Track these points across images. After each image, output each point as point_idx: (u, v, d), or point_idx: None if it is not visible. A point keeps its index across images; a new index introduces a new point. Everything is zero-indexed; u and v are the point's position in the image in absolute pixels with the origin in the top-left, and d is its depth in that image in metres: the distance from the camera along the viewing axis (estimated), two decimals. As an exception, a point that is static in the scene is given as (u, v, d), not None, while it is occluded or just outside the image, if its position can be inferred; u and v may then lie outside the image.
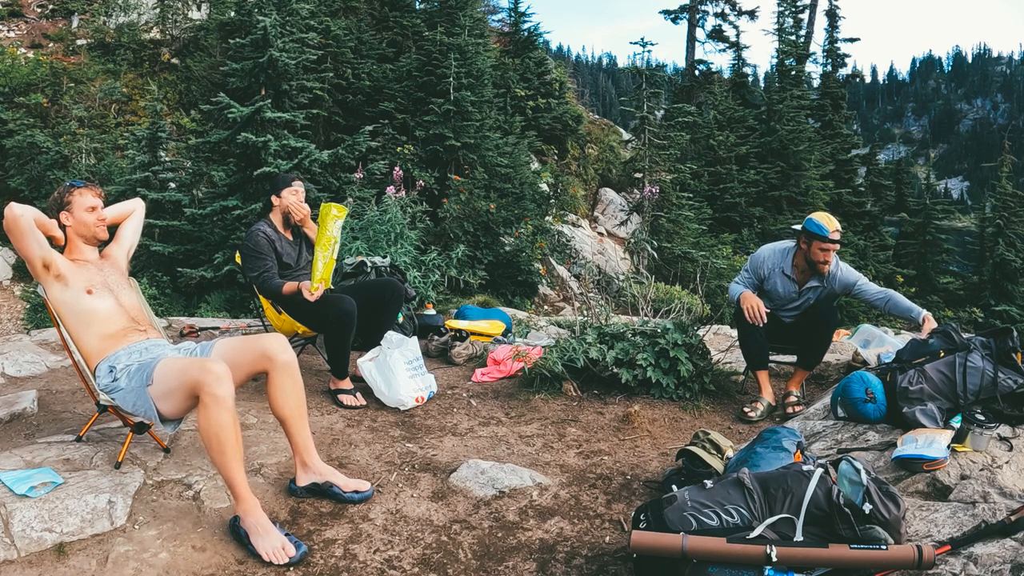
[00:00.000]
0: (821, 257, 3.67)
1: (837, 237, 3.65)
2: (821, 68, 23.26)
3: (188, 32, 13.84)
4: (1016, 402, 2.83)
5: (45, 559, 2.13)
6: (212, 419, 2.25)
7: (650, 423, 3.52)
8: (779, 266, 3.83)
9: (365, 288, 4.15)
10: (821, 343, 3.78)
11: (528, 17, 17.05)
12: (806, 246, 3.71)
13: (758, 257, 3.91)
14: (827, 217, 3.71)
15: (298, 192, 3.95)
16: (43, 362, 4.16)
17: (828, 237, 3.62)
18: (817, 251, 3.66)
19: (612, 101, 64.72)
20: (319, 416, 3.52)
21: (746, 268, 3.96)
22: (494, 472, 2.85)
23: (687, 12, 23.23)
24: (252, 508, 2.29)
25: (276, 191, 3.96)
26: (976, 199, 35.22)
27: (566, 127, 16.16)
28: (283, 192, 3.93)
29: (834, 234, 3.64)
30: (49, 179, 10.39)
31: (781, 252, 3.87)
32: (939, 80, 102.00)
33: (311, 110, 10.20)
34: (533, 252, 10.12)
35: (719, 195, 16.88)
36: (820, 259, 3.67)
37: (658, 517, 2.08)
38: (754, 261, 3.92)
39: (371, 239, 6.82)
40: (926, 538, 2.11)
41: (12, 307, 9.74)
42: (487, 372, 4.29)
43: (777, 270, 3.84)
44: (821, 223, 3.65)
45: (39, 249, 2.57)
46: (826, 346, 3.84)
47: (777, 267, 3.84)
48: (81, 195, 2.76)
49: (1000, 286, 15.82)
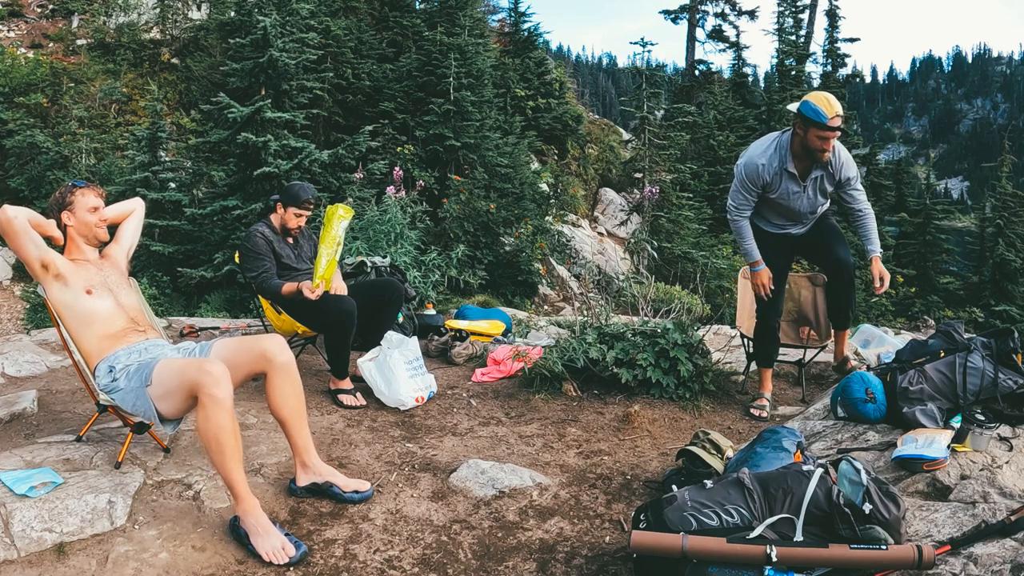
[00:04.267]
0: (819, 145, 3.24)
1: (837, 123, 3.17)
2: (821, 68, 23.27)
3: (188, 32, 13.84)
4: (1016, 402, 2.83)
5: (45, 559, 2.13)
6: (211, 420, 2.25)
7: (650, 423, 3.52)
8: (781, 166, 3.39)
9: (365, 288, 4.15)
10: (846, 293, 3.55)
11: (528, 17, 17.08)
12: (802, 132, 3.26)
13: (752, 166, 3.42)
14: (825, 99, 3.18)
15: (301, 216, 3.95)
16: (43, 362, 4.16)
17: (827, 124, 3.16)
18: (815, 138, 3.23)
19: (612, 101, 64.74)
20: (319, 416, 3.52)
21: (741, 185, 3.49)
22: (494, 472, 2.85)
23: (687, 12, 23.24)
24: (252, 508, 2.29)
25: (284, 203, 3.94)
26: (976, 199, 35.21)
27: (566, 127, 16.16)
28: (289, 209, 3.92)
29: (834, 120, 3.16)
30: (49, 179, 10.39)
31: (776, 148, 3.40)
32: (939, 80, 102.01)
33: (311, 110, 10.21)
34: (533, 252, 10.12)
35: (719, 195, 16.87)
36: (818, 147, 3.24)
37: (658, 517, 2.08)
38: (749, 172, 3.43)
39: (371, 239, 6.82)
40: (926, 538, 2.11)
41: (12, 307, 9.74)
42: (487, 372, 4.29)
43: (780, 172, 3.40)
44: (819, 107, 3.16)
45: (35, 250, 2.58)
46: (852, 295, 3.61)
47: (778, 168, 3.40)
48: (83, 195, 2.76)
49: (1000, 286, 15.82)
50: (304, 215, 3.95)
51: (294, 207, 3.91)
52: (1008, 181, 17.99)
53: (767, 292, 3.56)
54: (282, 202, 3.95)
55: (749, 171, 3.42)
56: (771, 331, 3.70)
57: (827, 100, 3.17)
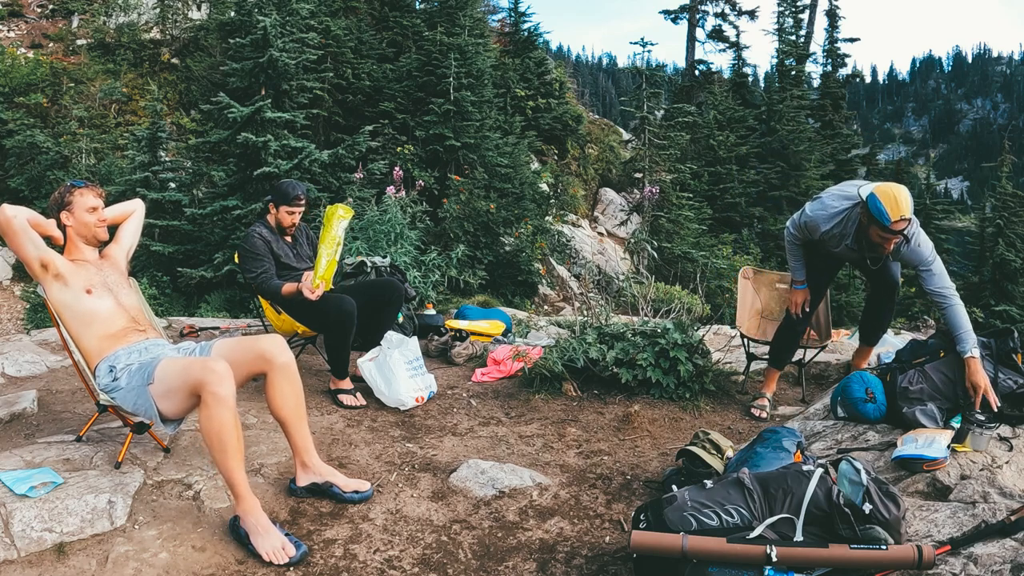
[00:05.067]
0: (879, 242, 3.09)
1: (901, 227, 2.96)
2: (821, 68, 23.31)
3: (188, 32, 13.84)
4: (1016, 402, 2.84)
5: (45, 559, 2.13)
6: (214, 418, 2.25)
7: (650, 423, 3.52)
8: (842, 240, 3.29)
9: (365, 288, 4.15)
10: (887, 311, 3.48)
11: (528, 17, 17.08)
12: (866, 222, 3.09)
13: (814, 224, 3.32)
14: (894, 198, 2.94)
15: (294, 214, 3.95)
16: (43, 362, 4.16)
17: (889, 228, 2.97)
18: (875, 235, 3.07)
19: (612, 101, 64.72)
20: (319, 416, 3.52)
21: (798, 228, 3.43)
22: (494, 472, 2.85)
23: (687, 12, 23.25)
24: (252, 508, 2.29)
25: (276, 203, 3.95)
26: (976, 199, 35.19)
27: (566, 127, 16.16)
28: (281, 208, 3.93)
29: (897, 224, 2.94)
30: (49, 179, 10.39)
31: (845, 222, 3.25)
32: (939, 80, 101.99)
33: (311, 110, 10.21)
34: (533, 252, 10.12)
35: (719, 195, 16.90)
36: (878, 243, 3.09)
37: (658, 517, 2.08)
38: (810, 226, 3.34)
39: (371, 239, 6.82)
40: (926, 538, 2.11)
41: (12, 307, 9.74)
42: (487, 372, 4.29)
43: (838, 238, 3.30)
44: (884, 207, 2.94)
45: (34, 249, 2.58)
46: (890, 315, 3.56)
47: (839, 239, 3.30)
48: (82, 195, 2.76)
49: (1000, 286, 15.81)
50: (297, 212, 3.95)
51: (285, 205, 3.92)
52: (1008, 181, 17.97)
53: (798, 311, 3.58)
54: (273, 202, 3.96)
55: (811, 226, 3.33)
56: (794, 337, 3.70)
57: (895, 200, 2.94)
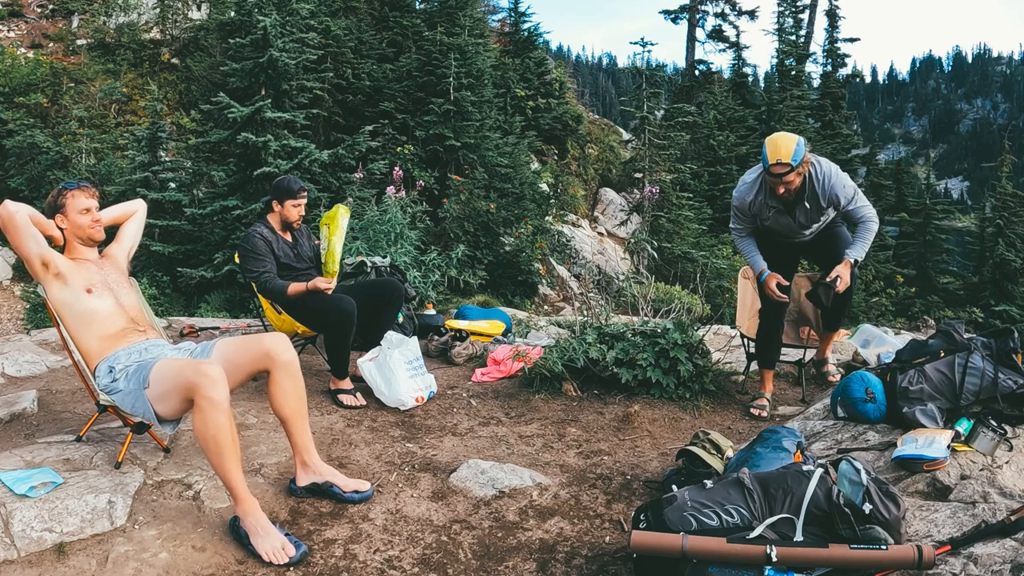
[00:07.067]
0: (772, 185, 3.21)
1: (779, 171, 3.10)
2: (821, 68, 23.32)
3: (188, 32, 13.84)
4: (1016, 402, 2.83)
5: (45, 559, 2.13)
6: (208, 422, 2.25)
7: (650, 423, 3.52)
8: (761, 199, 3.41)
9: (365, 288, 4.15)
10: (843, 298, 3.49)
11: (528, 17, 17.09)
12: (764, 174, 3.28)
13: (739, 198, 3.47)
14: (774, 143, 3.12)
15: (299, 206, 3.94)
16: (43, 362, 4.16)
17: (768, 170, 3.14)
18: (768, 179, 3.22)
19: (612, 101, 64.71)
20: (319, 416, 3.52)
21: (734, 213, 3.55)
22: (494, 472, 2.85)
23: (687, 12, 23.26)
24: (252, 508, 2.29)
25: (279, 199, 3.93)
26: (976, 199, 35.22)
27: (566, 127, 16.16)
28: (286, 203, 3.92)
29: (775, 167, 3.09)
30: (49, 179, 10.38)
31: (753, 183, 3.42)
32: (939, 80, 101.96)
33: (311, 110, 10.21)
34: (533, 252, 10.13)
35: (719, 195, 16.88)
36: (772, 186, 3.22)
37: (658, 517, 2.08)
38: (738, 203, 3.48)
39: (371, 239, 6.82)
40: (926, 538, 2.11)
41: (12, 307, 9.74)
42: (487, 372, 4.29)
43: (763, 204, 3.42)
44: (766, 152, 3.13)
45: (36, 247, 2.58)
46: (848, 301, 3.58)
47: (760, 201, 3.41)
48: (74, 197, 2.75)
49: (1000, 286, 15.82)
50: (301, 203, 3.95)
51: (290, 199, 3.91)
52: (1008, 181, 18.00)
53: (777, 294, 3.53)
54: (276, 199, 3.94)
55: (738, 203, 3.49)
56: (773, 333, 3.70)
57: (776, 145, 3.11)
